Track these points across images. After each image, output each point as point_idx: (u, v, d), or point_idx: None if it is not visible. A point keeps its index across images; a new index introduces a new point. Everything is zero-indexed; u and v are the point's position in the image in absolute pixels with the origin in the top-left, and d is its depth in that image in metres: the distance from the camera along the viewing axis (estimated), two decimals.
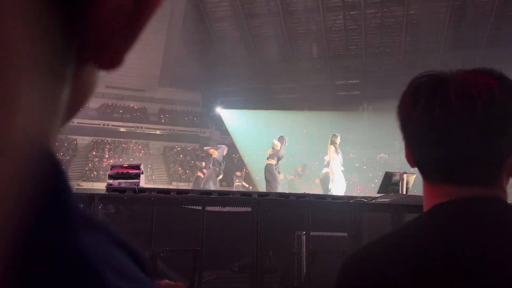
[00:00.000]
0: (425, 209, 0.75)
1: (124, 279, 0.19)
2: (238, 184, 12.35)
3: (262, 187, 13.86)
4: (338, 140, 8.96)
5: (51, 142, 0.19)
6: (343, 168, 8.89)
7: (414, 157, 0.76)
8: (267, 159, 9.24)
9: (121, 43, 0.20)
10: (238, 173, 12.87)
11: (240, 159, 26.20)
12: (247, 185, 13.02)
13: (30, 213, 0.17)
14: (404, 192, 5.57)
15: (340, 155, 8.89)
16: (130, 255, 0.22)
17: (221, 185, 12.23)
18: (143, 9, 0.20)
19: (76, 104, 0.22)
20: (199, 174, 12.23)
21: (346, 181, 9.03)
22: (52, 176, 0.19)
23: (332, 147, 8.84)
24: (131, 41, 0.20)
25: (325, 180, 9.67)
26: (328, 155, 9.00)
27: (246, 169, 12.94)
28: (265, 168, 9.21)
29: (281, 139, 9.55)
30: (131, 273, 0.20)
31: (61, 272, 0.17)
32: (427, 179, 0.75)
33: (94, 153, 27.40)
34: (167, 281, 0.68)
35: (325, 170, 9.86)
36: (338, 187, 8.62)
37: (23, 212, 0.16)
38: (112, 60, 0.20)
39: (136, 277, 0.20)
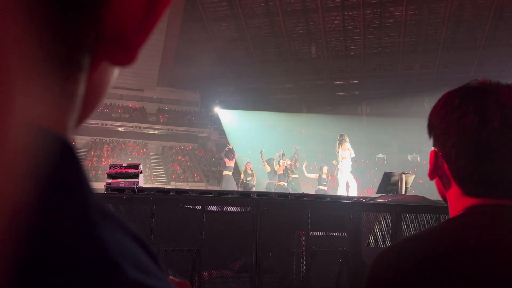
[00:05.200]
0: (453, 211, 0.77)
1: (142, 272, 0.19)
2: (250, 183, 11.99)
3: (258, 188, 13.82)
4: (348, 139, 9.09)
5: (67, 133, 0.19)
6: (351, 169, 8.97)
7: (458, 171, 0.76)
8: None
9: (135, 38, 0.20)
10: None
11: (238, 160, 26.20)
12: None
13: (49, 205, 0.17)
14: (403, 192, 5.58)
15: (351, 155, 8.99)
16: (143, 249, 0.22)
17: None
18: (157, 4, 0.20)
19: (92, 101, 0.22)
20: (227, 173, 11.54)
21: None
22: (69, 166, 0.19)
23: (347, 145, 8.93)
24: (145, 36, 0.20)
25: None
26: (340, 156, 9.04)
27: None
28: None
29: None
30: (148, 266, 0.20)
31: (81, 262, 0.17)
32: (468, 193, 0.75)
33: (92, 152, 27.37)
34: (172, 277, 0.69)
35: (316, 175, 10.48)
36: (351, 188, 8.67)
37: (41, 203, 0.16)
38: (126, 56, 0.20)
39: (152, 271, 0.20)
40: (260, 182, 14.35)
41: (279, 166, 10.96)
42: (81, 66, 0.19)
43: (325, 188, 10.52)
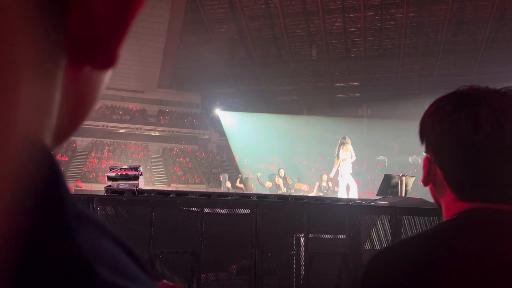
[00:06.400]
0: (447, 216, 0.78)
1: (121, 277, 0.19)
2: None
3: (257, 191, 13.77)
4: (350, 141, 9.07)
5: (45, 138, 0.19)
6: (351, 171, 8.95)
7: (452, 177, 0.77)
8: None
9: (111, 41, 0.20)
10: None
11: (237, 162, 26.24)
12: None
13: (26, 210, 0.17)
14: (403, 195, 5.57)
15: (351, 158, 8.96)
16: (127, 254, 0.22)
17: None
18: (131, 5, 0.20)
19: (82, 107, 0.22)
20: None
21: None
22: (48, 173, 0.19)
23: (349, 147, 8.91)
24: (121, 38, 0.20)
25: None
26: (338, 160, 9.02)
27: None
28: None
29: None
30: (129, 271, 0.20)
31: (57, 269, 0.17)
32: (462, 198, 0.76)
33: (93, 154, 27.39)
34: (165, 281, 0.68)
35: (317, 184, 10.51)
36: (351, 190, 8.65)
37: (19, 209, 0.16)
38: (105, 59, 0.20)
39: (134, 275, 0.20)
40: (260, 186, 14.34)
41: (281, 178, 11.07)
42: (52, 71, 0.19)
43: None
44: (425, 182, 0.81)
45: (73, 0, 0.18)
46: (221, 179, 12.91)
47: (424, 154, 0.81)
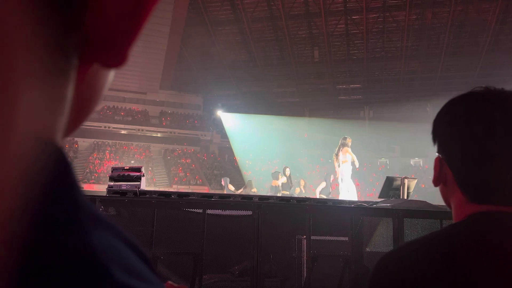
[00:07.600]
0: (456, 218, 0.77)
1: (133, 277, 0.19)
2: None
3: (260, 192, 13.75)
4: (350, 143, 8.93)
5: (57, 138, 0.19)
6: (351, 173, 8.83)
7: (462, 178, 0.76)
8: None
9: (124, 40, 0.20)
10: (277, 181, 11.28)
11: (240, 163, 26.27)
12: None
13: (39, 209, 0.17)
14: (405, 197, 5.56)
15: (352, 159, 8.82)
16: (137, 255, 0.22)
17: None
18: (144, 4, 0.20)
19: (87, 104, 0.22)
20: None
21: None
22: (60, 171, 0.19)
23: (349, 149, 8.78)
24: (134, 37, 0.20)
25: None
26: (337, 161, 8.91)
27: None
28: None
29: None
30: (140, 271, 0.20)
31: (71, 268, 0.17)
32: (472, 200, 0.75)
33: (95, 155, 27.42)
34: (170, 282, 0.69)
35: (323, 184, 10.23)
36: (350, 193, 8.53)
37: (32, 207, 0.16)
38: (116, 58, 0.20)
39: (145, 276, 0.20)
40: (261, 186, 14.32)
41: (285, 176, 10.91)
42: (67, 70, 0.19)
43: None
44: (436, 183, 0.80)
45: (89, 0, 0.18)
46: (223, 183, 12.76)
47: (436, 154, 0.80)
